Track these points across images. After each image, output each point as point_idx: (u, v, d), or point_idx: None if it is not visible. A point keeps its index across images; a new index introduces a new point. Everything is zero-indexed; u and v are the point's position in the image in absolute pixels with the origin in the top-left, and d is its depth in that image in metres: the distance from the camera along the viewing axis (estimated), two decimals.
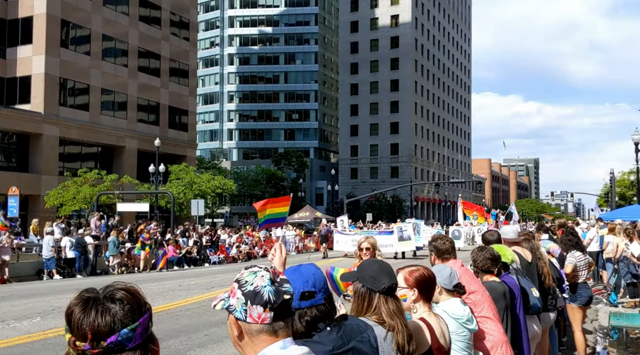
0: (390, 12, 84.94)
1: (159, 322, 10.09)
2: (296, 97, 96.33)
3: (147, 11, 46.92)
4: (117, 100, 44.11)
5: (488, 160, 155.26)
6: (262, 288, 1.70)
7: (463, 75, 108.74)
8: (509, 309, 4.48)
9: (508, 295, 4.49)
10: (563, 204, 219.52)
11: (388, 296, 2.51)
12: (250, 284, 1.71)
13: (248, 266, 1.82)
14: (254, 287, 1.70)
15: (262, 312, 1.69)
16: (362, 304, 2.53)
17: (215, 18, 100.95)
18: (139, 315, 1.43)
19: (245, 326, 1.73)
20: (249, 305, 1.70)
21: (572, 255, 7.33)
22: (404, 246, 24.85)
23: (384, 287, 2.49)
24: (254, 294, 1.69)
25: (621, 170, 71.05)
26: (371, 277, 2.53)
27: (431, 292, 3.05)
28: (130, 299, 1.43)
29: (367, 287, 2.52)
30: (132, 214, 36.14)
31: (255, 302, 1.69)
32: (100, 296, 1.43)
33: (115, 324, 1.39)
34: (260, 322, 1.70)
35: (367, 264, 2.66)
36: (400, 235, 24.89)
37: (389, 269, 2.59)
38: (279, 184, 74.29)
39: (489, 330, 4.03)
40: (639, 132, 24.99)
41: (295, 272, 2.20)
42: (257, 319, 1.70)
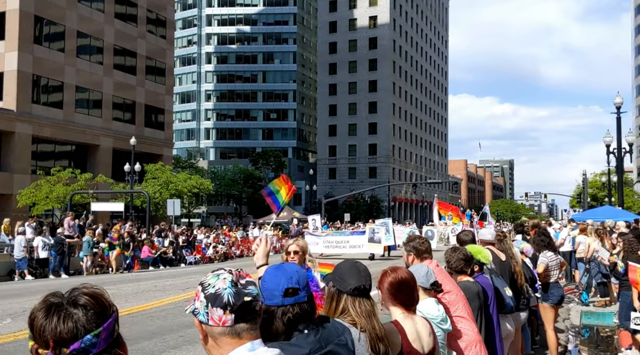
0: (368, 13, 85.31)
1: (133, 323, 9.96)
2: (274, 97, 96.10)
3: (123, 8, 46.30)
4: (92, 98, 43.44)
5: (464, 161, 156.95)
6: (222, 290, 1.70)
7: (440, 76, 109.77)
8: (483, 308, 4.53)
9: (482, 295, 4.54)
10: (537, 204, 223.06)
11: (358, 297, 2.49)
12: (212, 286, 1.71)
13: (215, 269, 1.82)
14: (215, 290, 1.70)
15: (222, 314, 1.69)
16: (331, 304, 2.53)
17: (192, 16, 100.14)
18: (103, 319, 1.40)
19: (208, 329, 1.73)
20: (209, 308, 1.70)
21: (544, 255, 7.45)
22: (372, 248, 24.39)
23: (350, 288, 2.48)
24: (215, 297, 1.69)
25: (593, 172, 72.58)
26: (340, 278, 2.53)
27: (410, 296, 3.00)
28: (94, 303, 1.40)
29: (337, 288, 2.52)
30: (107, 214, 35.63)
31: (215, 304, 1.69)
32: (63, 302, 1.39)
33: (77, 330, 1.36)
34: (222, 325, 1.70)
35: (341, 264, 2.65)
36: (370, 237, 24.50)
37: (360, 270, 2.56)
38: (256, 184, 73.95)
39: (463, 329, 4.06)
40: (610, 135, 25.56)
41: (278, 269, 2.20)
42: (218, 321, 1.70)
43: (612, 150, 24.95)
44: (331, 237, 25.96)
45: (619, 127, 24.09)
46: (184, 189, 41.14)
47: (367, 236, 24.52)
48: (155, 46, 49.28)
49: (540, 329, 8.41)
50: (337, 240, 25.31)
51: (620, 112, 23.85)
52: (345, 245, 24.82)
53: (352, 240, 24.94)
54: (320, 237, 25.88)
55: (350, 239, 25.15)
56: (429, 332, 3.00)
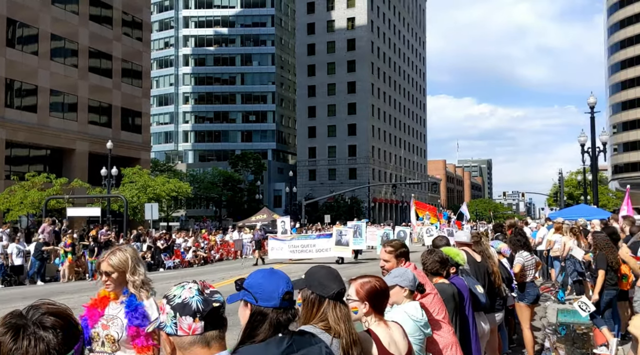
0: (346, 14, 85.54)
1: None
2: (253, 99, 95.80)
3: (97, 10, 45.69)
4: (67, 102, 42.76)
5: (443, 162, 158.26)
6: (190, 299, 1.70)
7: (418, 78, 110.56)
8: (458, 310, 4.56)
9: (457, 296, 4.56)
10: (515, 203, 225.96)
11: (337, 301, 2.50)
12: (179, 297, 1.72)
13: (177, 283, 1.80)
14: (182, 299, 1.70)
15: (192, 322, 1.68)
16: (312, 310, 2.52)
17: (169, 18, 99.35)
18: (74, 341, 1.36)
19: (177, 340, 1.70)
20: (178, 317, 1.69)
21: (520, 255, 7.52)
22: (339, 251, 23.27)
23: (333, 292, 2.49)
24: (183, 306, 1.69)
25: (569, 171, 73.85)
26: (320, 284, 2.52)
27: (383, 303, 3.03)
28: (62, 325, 1.36)
29: (317, 294, 2.51)
30: (83, 219, 35.09)
31: (184, 313, 1.69)
32: (29, 323, 1.34)
33: (50, 354, 1.32)
34: (192, 333, 1.69)
35: (314, 270, 2.64)
36: (338, 239, 23.33)
37: (336, 274, 2.58)
38: (236, 187, 73.67)
39: (440, 332, 4.08)
40: (585, 134, 25.99)
41: (275, 273, 2.19)
42: (188, 330, 1.69)
43: (587, 149, 25.36)
44: (296, 241, 24.64)
45: (593, 127, 24.51)
46: (162, 192, 40.75)
47: (334, 239, 23.45)
48: (131, 48, 48.73)
49: (517, 328, 8.49)
50: (303, 244, 24.09)
51: (593, 111, 24.26)
52: (311, 249, 23.72)
53: (318, 244, 23.79)
54: (285, 242, 24.62)
55: (316, 243, 23.96)
56: (402, 335, 3.02)
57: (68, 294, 15.76)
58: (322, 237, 24.38)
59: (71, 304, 1.96)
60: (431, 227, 31.15)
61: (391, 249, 4.18)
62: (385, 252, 4.20)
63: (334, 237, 23.45)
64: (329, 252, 23.19)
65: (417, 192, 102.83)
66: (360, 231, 24.82)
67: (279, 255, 24.48)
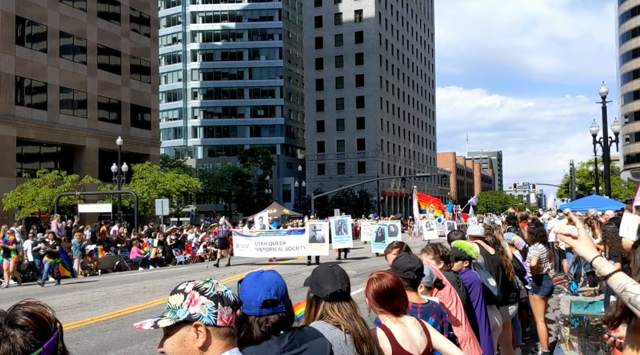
0: (354, 7, 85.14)
1: (123, 325, 9.86)
2: (261, 93, 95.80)
3: (105, 7, 45.81)
4: (77, 99, 42.98)
5: (453, 154, 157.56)
6: (224, 291, 1.76)
7: (427, 70, 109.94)
8: (466, 301, 4.53)
9: (462, 285, 4.51)
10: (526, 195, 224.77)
11: (336, 302, 2.47)
12: (212, 289, 1.75)
13: (183, 282, 1.82)
14: (216, 291, 1.75)
15: (231, 313, 1.75)
16: (310, 310, 2.52)
17: (177, 14, 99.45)
18: (44, 339, 1.34)
19: (214, 331, 1.73)
20: (219, 307, 1.73)
21: (536, 248, 7.45)
22: (314, 249, 20.36)
23: (327, 293, 2.46)
24: (221, 297, 1.74)
25: (581, 161, 73.29)
26: (316, 284, 2.51)
27: (394, 302, 2.90)
28: (32, 323, 1.34)
29: (314, 294, 2.50)
30: (95, 215, 35.33)
31: (225, 303, 1.74)
32: (1, 322, 1.34)
33: (15, 353, 1.30)
34: (229, 324, 1.75)
35: (316, 269, 2.62)
36: (312, 236, 20.34)
37: (336, 273, 2.53)
38: (245, 182, 73.84)
39: (456, 324, 4.05)
40: (596, 124, 25.72)
41: (257, 279, 2.17)
42: (227, 320, 1.74)
43: (599, 139, 25.11)
44: (264, 237, 21.59)
45: (605, 117, 24.24)
46: (172, 188, 40.92)
47: (307, 235, 20.47)
48: (139, 44, 48.85)
49: (530, 320, 8.43)
50: (272, 242, 21.18)
51: (605, 101, 23.99)
52: (281, 247, 20.95)
53: (289, 241, 20.88)
54: (251, 238, 21.79)
55: (287, 240, 20.98)
56: (420, 331, 2.95)
57: (100, 286, 15.90)
58: (294, 234, 21.23)
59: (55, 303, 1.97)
60: (431, 221, 30.28)
61: (397, 251, 4.15)
62: (392, 255, 4.13)
63: (307, 232, 20.55)
64: (301, 251, 20.60)
65: (427, 185, 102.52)
66: (346, 227, 22.44)
67: (244, 253, 21.96)
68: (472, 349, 4.01)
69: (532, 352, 7.67)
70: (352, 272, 16.20)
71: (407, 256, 3.43)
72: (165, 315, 1.76)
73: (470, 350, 3.99)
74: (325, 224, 21.03)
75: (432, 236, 28.57)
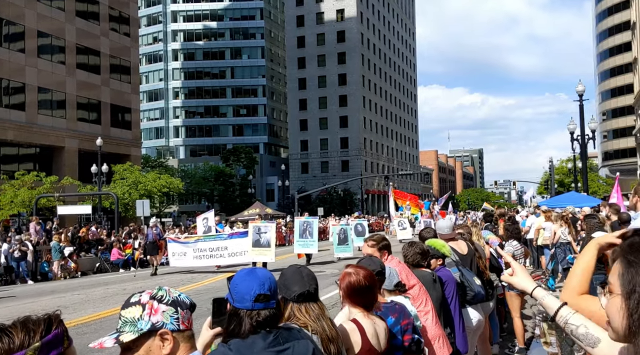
0: (335, 6, 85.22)
1: (102, 328, 9.78)
2: (244, 92, 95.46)
3: (84, 6, 45.25)
4: (56, 99, 42.40)
5: (435, 152, 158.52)
6: (180, 296, 1.78)
7: (409, 69, 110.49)
8: (441, 300, 4.58)
9: (439, 284, 4.57)
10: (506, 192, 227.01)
11: (304, 303, 2.48)
12: (168, 295, 1.76)
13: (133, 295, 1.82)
14: (172, 297, 1.76)
15: (190, 316, 1.79)
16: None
17: (157, 13, 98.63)
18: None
19: (179, 336, 1.75)
20: (179, 312, 1.75)
21: (510, 244, 7.55)
22: (259, 255, 17.92)
23: (295, 295, 2.48)
24: (178, 302, 1.76)
25: (560, 159, 74.27)
26: (284, 285, 2.52)
27: (366, 297, 2.98)
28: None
29: (282, 296, 2.51)
30: (75, 217, 34.91)
31: (183, 307, 1.76)
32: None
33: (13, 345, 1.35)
34: (190, 327, 1.78)
35: (284, 271, 2.65)
36: (256, 239, 18.09)
37: (304, 274, 2.55)
38: (228, 181, 73.53)
39: (427, 324, 4.09)
40: (574, 122, 26.11)
41: (251, 273, 2.18)
42: (188, 324, 1.77)
43: (576, 137, 25.49)
44: (203, 243, 19.08)
45: (582, 115, 24.61)
46: (153, 188, 40.62)
47: (250, 239, 18.18)
48: (119, 44, 48.35)
49: (507, 316, 8.54)
50: (212, 248, 18.75)
51: (582, 99, 24.36)
52: (223, 253, 18.57)
53: (231, 246, 18.59)
54: (188, 245, 19.35)
55: (229, 244, 18.67)
56: (385, 331, 3.02)
57: (80, 289, 15.72)
58: (236, 237, 18.96)
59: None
60: (403, 220, 29.73)
61: (373, 243, 4.24)
62: (368, 247, 4.25)
63: (250, 235, 18.21)
64: (245, 256, 18.11)
65: (410, 183, 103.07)
66: (311, 230, 20.40)
67: (181, 263, 19.47)
68: (441, 348, 4.06)
69: (509, 348, 7.77)
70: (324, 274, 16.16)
71: (369, 259, 3.49)
72: (124, 329, 1.72)
73: (439, 349, 4.04)
74: (272, 225, 18.85)
75: (406, 236, 27.84)
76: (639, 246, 1.34)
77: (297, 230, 20.80)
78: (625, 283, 1.32)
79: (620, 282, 1.34)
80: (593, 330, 1.72)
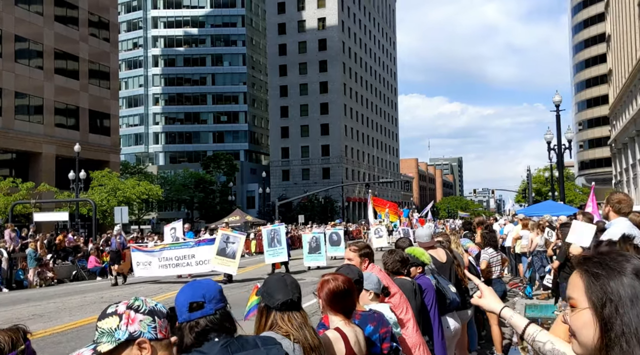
0: (317, 15, 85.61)
1: (79, 337, 9.62)
2: (224, 99, 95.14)
3: (63, 11, 44.77)
4: (33, 104, 41.79)
5: (415, 160, 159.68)
6: (156, 305, 1.78)
7: (389, 77, 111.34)
8: (421, 308, 4.62)
9: (418, 292, 4.61)
10: (485, 200, 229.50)
11: (287, 311, 2.48)
12: (144, 305, 1.76)
13: (109, 305, 1.81)
14: (149, 307, 1.76)
15: (167, 325, 1.79)
16: (260, 319, 2.52)
17: (137, 19, 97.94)
18: None
19: (157, 345, 1.75)
20: (157, 321, 1.75)
21: (486, 252, 7.64)
22: (220, 265, 17.04)
23: (278, 303, 2.47)
24: (155, 311, 1.76)
25: (537, 168, 75.37)
26: (267, 293, 2.51)
27: (346, 304, 2.99)
28: None
29: (265, 304, 2.50)
30: (52, 224, 34.36)
31: (160, 316, 1.76)
32: None
33: None
34: (168, 336, 1.78)
35: (268, 279, 2.64)
36: (222, 248, 17.06)
37: (288, 283, 2.55)
38: (208, 188, 73.05)
39: (407, 332, 4.12)
40: (551, 132, 26.55)
41: (189, 285, 2.17)
42: (166, 332, 1.78)
43: (553, 147, 25.91)
44: (169, 251, 18.22)
45: (559, 125, 25.04)
46: (132, 195, 40.19)
47: (216, 246, 17.13)
48: (98, 49, 47.89)
49: (485, 324, 8.62)
50: (178, 256, 17.92)
51: (559, 110, 24.79)
52: (190, 261, 17.75)
53: (199, 254, 17.68)
54: (153, 254, 18.44)
55: (196, 252, 17.78)
56: (364, 338, 3.03)
57: (56, 297, 15.43)
58: (204, 244, 17.95)
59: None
60: (380, 227, 29.44)
61: (355, 249, 4.29)
62: (350, 251, 4.29)
63: (217, 242, 17.26)
64: (207, 265, 17.38)
65: (391, 191, 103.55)
66: (279, 237, 19.71)
67: (146, 273, 18.53)
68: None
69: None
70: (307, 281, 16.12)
71: (347, 267, 3.51)
72: (101, 340, 1.71)
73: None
74: (242, 237, 18.09)
75: (382, 244, 27.52)
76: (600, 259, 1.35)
77: (265, 239, 20.07)
78: (594, 296, 1.30)
79: (588, 296, 1.31)
80: (559, 345, 1.79)
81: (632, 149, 44.66)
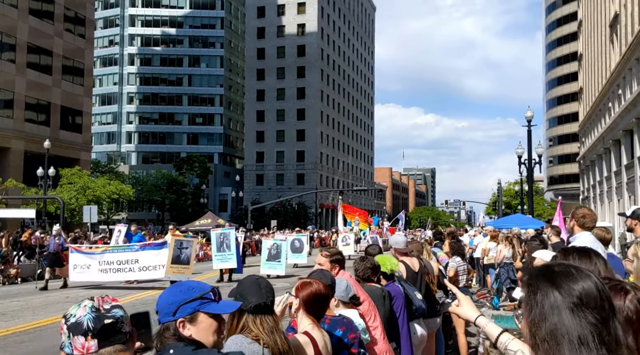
0: (296, 20, 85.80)
1: (41, 337, 9.42)
2: (200, 101, 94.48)
3: (38, 5, 43.98)
4: (3, 98, 40.86)
5: (389, 169, 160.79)
6: (82, 318, 1.71)
7: (367, 86, 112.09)
8: (389, 314, 4.66)
9: (387, 300, 4.66)
10: (457, 211, 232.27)
11: (259, 315, 2.48)
12: (73, 316, 1.72)
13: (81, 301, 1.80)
14: (76, 319, 1.71)
15: (84, 341, 1.69)
16: (232, 322, 2.51)
17: (115, 16, 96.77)
18: None
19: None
20: (71, 337, 1.70)
21: (453, 260, 7.76)
22: (177, 273, 16.00)
23: (251, 305, 2.47)
24: (75, 325, 1.70)
25: (508, 181, 76.68)
26: (241, 295, 2.51)
27: (321, 309, 3.05)
28: None
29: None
30: (17, 221, 33.55)
31: (76, 332, 1.69)
32: None
33: None
34: (86, 352, 1.69)
35: (242, 281, 2.64)
36: (177, 254, 16.16)
37: (262, 286, 2.55)
38: (180, 190, 72.32)
39: (374, 339, 4.16)
40: (522, 147, 27.09)
41: (177, 286, 2.15)
42: (82, 349, 1.69)
43: (524, 161, 26.42)
44: (110, 254, 16.85)
45: (530, 140, 25.59)
46: (102, 194, 39.56)
47: (167, 252, 16.11)
48: (73, 45, 47.13)
49: (453, 333, 8.73)
50: (121, 260, 16.56)
51: (530, 125, 25.31)
52: (133, 266, 16.40)
53: (143, 259, 16.36)
54: (93, 257, 16.95)
55: (140, 257, 16.41)
56: (329, 342, 3.07)
57: (19, 296, 15.04)
58: (150, 249, 16.62)
59: None
60: (348, 235, 29.30)
61: (327, 254, 4.34)
62: (321, 256, 4.34)
63: (172, 250, 16.11)
64: (159, 272, 16.10)
65: (364, 199, 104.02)
66: (229, 242, 18.55)
67: (84, 277, 17.03)
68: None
69: None
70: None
71: (320, 272, 3.54)
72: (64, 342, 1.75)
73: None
74: (194, 240, 17.30)
75: (349, 252, 27.26)
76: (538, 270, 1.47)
77: (214, 243, 18.88)
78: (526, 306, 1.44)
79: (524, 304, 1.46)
80: (529, 354, 1.85)
81: (599, 166, 45.81)
